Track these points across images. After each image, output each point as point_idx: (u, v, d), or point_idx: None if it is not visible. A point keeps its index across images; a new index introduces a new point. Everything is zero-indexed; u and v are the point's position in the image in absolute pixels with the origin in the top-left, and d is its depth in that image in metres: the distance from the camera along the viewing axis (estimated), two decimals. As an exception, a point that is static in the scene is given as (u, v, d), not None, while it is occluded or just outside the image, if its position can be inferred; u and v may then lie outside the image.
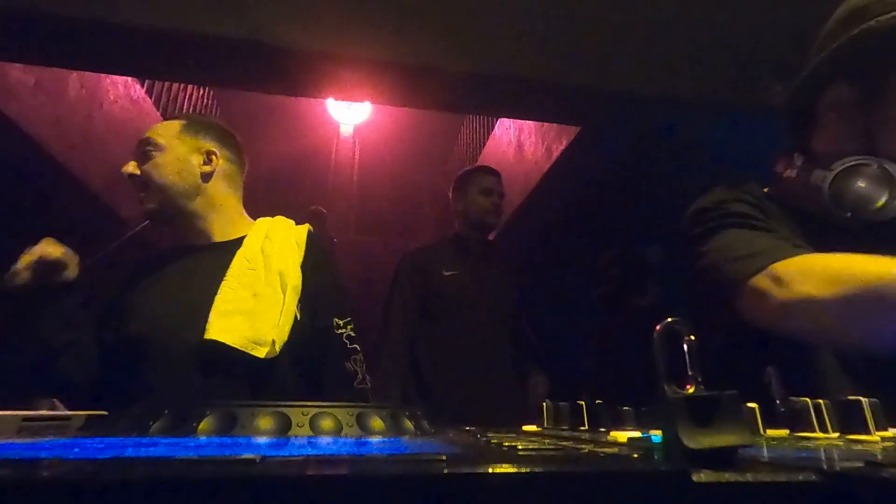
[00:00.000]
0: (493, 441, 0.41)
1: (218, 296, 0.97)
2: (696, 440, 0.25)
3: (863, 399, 0.43)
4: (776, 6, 1.93)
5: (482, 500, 0.21)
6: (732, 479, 0.22)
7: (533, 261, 3.83)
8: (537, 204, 3.53)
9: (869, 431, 0.41)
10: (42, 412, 0.54)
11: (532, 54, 1.91)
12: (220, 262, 1.03)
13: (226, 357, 0.92)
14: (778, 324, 0.67)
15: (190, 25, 1.67)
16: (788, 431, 0.45)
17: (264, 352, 0.94)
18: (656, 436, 0.40)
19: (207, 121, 1.16)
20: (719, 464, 0.24)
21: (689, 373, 0.29)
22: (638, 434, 0.45)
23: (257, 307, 0.97)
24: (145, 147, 1.06)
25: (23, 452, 0.30)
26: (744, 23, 2.00)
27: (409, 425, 0.51)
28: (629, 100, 2.03)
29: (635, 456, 0.29)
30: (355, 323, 1.10)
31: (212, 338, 0.91)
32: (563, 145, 2.94)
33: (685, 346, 0.30)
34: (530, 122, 3.57)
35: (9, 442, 0.39)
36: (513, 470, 0.22)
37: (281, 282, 1.02)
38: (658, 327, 0.31)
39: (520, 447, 0.33)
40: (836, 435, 0.43)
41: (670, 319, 0.31)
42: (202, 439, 0.40)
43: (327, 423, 0.45)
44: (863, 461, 0.25)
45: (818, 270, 0.65)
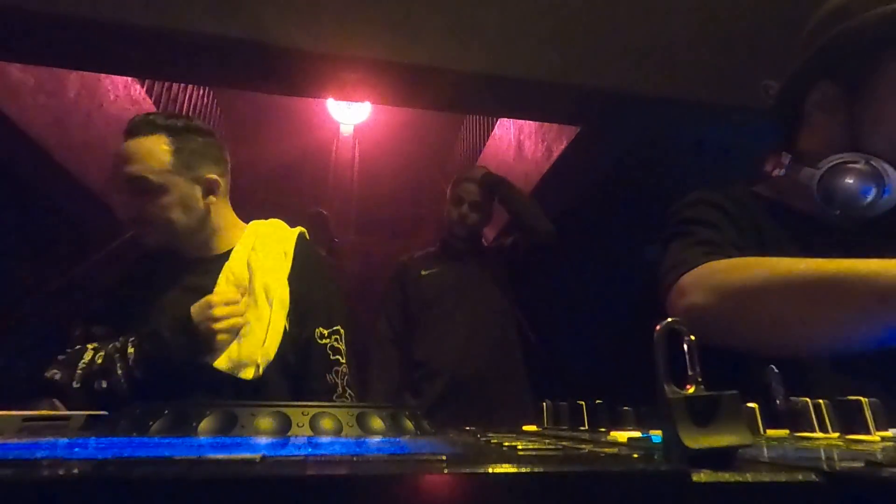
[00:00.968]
0: (493, 441, 0.41)
1: None
2: (696, 440, 0.25)
3: (863, 399, 0.43)
4: (776, 7, 1.93)
5: (482, 500, 0.21)
6: (732, 479, 0.22)
7: (532, 261, 3.82)
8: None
9: (869, 431, 0.41)
10: (42, 412, 0.54)
11: (532, 54, 1.91)
12: (213, 276, 1.02)
13: (215, 376, 0.92)
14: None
15: (190, 25, 1.66)
16: (788, 431, 0.45)
17: (250, 373, 0.93)
18: (656, 436, 0.40)
19: (191, 139, 1.05)
20: (719, 464, 0.24)
21: (689, 373, 0.29)
22: (638, 434, 0.45)
23: (242, 327, 0.97)
24: (140, 186, 0.98)
25: (23, 452, 0.30)
26: (743, 23, 2.00)
27: (409, 425, 0.51)
28: (629, 100, 2.03)
29: (635, 456, 0.29)
30: (347, 330, 1.08)
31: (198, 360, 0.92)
32: (563, 145, 2.93)
33: (685, 346, 0.30)
34: (530, 122, 3.57)
35: (9, 442, 0.39)
36: (513, 470, 0.22)
37: (267, 297, 1.00)
38: (658, 327, 0.31)
39: (520, 447, 0.33)
40: (836, 435, 0.43)
41: (670, 319, 0.31)
42: (202, 439, 0.40)
43: (327, 423, 0.45)
44: (863, 461, 0.25)
45: (710, 279, 0.67)
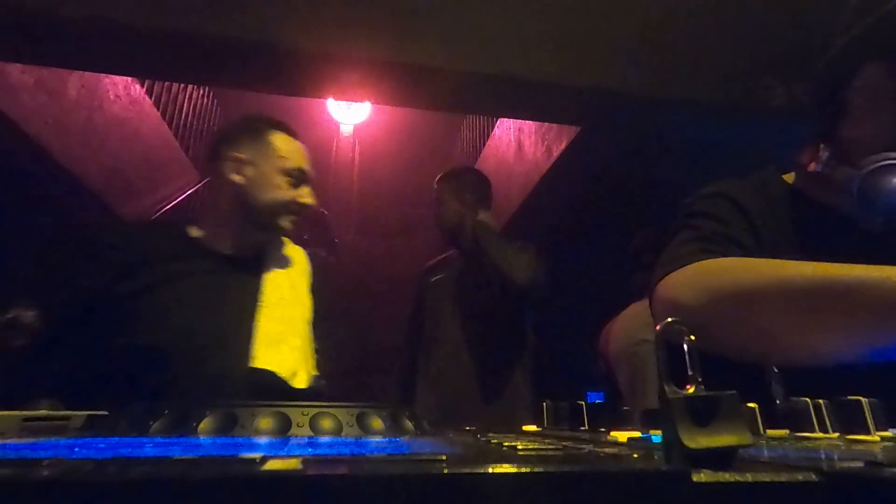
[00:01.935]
0: (493, 441, 0.40)
1: (259, 324, 0.97)
2: (696, 440, 0.25)
3: (863, 399, 0.43)
4: (776, 7, 1.93)
5: (482, 500, 0.21)
6: (732, 479, 0.22)
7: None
8: (537, 204, 3.53)
9: (869, 431, 0.41)
10: (42, 412, 0.54)
11: (532, 54, 1.91)
12: (248, 283, 1.04)
13: (263, 386, 0.92)
14: None
15: (190, 25, 1.67)
16: (788, 431, 0.45)
17: (305, 381, 0.95)
18: (656, 436, 0.40)
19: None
20: (719, 464, 0.24)
21: (689, 373, 0.29)
22: (638, 434, 0.45)
23: (294, 339, 1.00)
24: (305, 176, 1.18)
25: (23, 452, 0.30)
26: (743, 23, 2.00)
27: (409, 425, 0.51)
28: (629, 100, 2.03)
29: (635, 456, 0.29)
30: (323, 339, 1.10)
31: (260, 367, 0.91)
32: (563, 145, 2.93)
33: (685, 346, 0.30)
34: (530, 122, 3.57)
35: (9, 442, 0.39)
36: (513, 470, 0.22)
37: (303, 312, 1.07)
38: (658, 327, 0.31)
39: (520, 447, 0.33)
40: (836, 435, 0.43)
41: (670, 319, 0.31)
42: (202, 439, 0.40)
43: (327, 423, 0.45)
44: (863, 461, 0.25)
45: (695, 279, 0.63)
